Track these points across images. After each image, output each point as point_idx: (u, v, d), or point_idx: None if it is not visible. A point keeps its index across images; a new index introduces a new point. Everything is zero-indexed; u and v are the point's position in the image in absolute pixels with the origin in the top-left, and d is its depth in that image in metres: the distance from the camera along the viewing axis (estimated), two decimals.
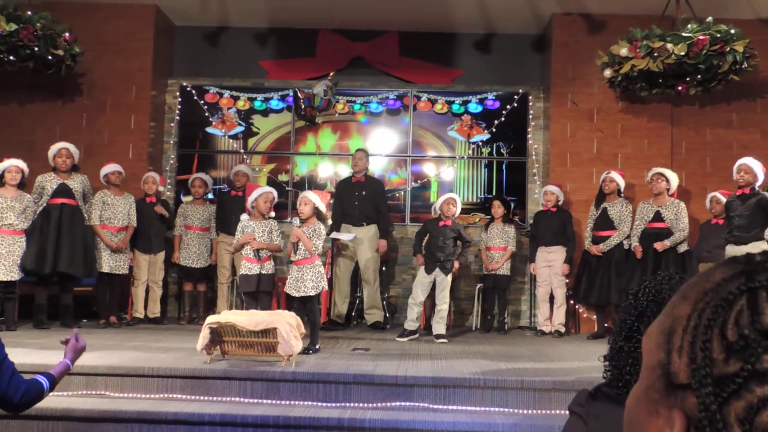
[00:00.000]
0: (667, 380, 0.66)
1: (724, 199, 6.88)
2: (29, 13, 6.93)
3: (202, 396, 4.57)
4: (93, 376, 4.62)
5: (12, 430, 4.29)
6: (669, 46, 6.69)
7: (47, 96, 8.20)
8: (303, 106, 8.26)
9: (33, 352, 5.14)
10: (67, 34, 7.29)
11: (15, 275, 6.55)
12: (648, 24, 7.03)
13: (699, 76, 6.96)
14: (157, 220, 7.55)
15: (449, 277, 6.73)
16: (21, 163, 6.72)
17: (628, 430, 0.70)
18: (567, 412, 4.87)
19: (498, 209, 7.74)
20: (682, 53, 6.63)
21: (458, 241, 6.84)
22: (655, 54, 6.77)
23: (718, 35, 6.59)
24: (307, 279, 5.65)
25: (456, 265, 6.81)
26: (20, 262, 6.63)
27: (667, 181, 7.17)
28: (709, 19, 6.72)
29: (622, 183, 7.37)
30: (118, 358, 4.95)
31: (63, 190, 6.93)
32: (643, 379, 0.69)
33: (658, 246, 6.91)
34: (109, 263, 7.09)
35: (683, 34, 6.68)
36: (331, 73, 8.23)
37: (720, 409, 0.60)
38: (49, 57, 7.17)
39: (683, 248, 7.03)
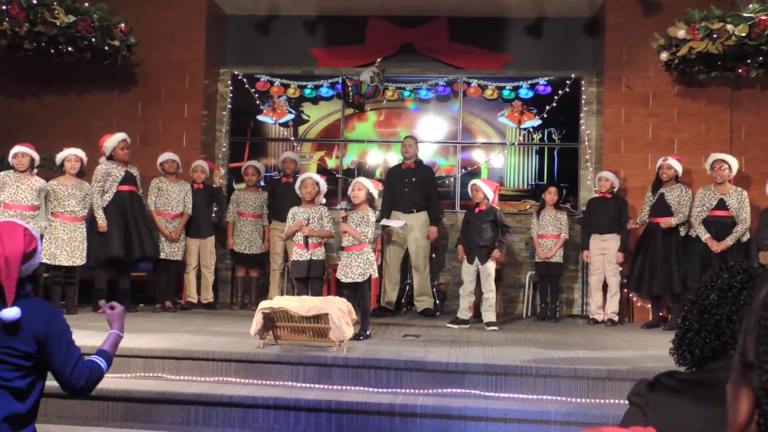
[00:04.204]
0: (743, 360, 0.66)
1: None
2: (86, 5, 7.09)
3: (256, 380, 4.65)
4: (150, 358, 4.75)
5: (74, 410, 4.44)
6: (729, 27, 6.48)
7: (103, 86, 8.39)
8: (351, 94, 8.27)
9: (94, 334, 5.28)
10: (122, 25, 7.46)
11: (77, 261, 6.74)
12: (706, 5, 6.81)
13: (761, 58, 6.72)
14: (208, 197, 7.73)
15: (491, 264, 6.66)
16: (80, 153, 6.90)
17: (728, 415, 0.70)
18: (622, 401, 4.80)
19: (553, 196, 7.62)
20: (743, 34, 6.41)
21: (498, 227, 6.74)
22: (715, 35, 6.56)
23: None
24: (354, 265, 5.70)
25: (496, 254, 6.72)
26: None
27: (730, 168, 6.94)
28: None
29: (679, 169, 7.15)
30: (174, 342, 5.07)
31: (128, 178, 7.14)
32: (733, 365, 0.69)
33: (721, 246, 6.71)
34: (165, 249, 7.29)
35: (744, 15, 6.46)
36: (378, 60, 8.21)
37: None
38: (106, 48, 7.35)
39: (746, 237, 6.81)
